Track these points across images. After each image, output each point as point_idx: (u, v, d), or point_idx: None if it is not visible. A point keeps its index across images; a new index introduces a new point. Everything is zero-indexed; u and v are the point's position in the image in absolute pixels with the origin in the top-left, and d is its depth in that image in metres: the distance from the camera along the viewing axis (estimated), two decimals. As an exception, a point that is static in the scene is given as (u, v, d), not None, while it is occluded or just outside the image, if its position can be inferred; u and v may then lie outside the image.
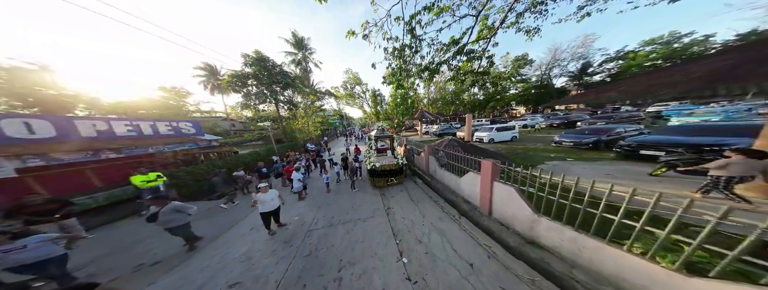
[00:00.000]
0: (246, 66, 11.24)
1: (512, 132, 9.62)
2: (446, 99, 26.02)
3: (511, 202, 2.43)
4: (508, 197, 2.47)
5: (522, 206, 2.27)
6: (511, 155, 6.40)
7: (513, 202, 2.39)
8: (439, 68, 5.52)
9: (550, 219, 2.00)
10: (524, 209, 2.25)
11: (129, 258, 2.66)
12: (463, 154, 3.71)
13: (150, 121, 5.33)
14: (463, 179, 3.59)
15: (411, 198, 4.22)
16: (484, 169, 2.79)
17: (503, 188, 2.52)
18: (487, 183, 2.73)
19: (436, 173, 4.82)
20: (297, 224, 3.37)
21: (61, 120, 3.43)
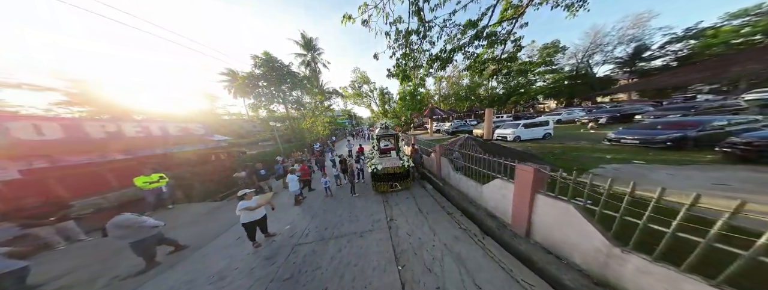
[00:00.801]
0: (256, 67, 11.72)
1: (545, 129, 8.30)
2: (459, 95, 24.41)
3: (567, 224, 1.73)
4: (562, 218, 1.77)
5: (588, 231, 1.57)
6: (546, 157, 5.35)
7: (571, 225, 1.69)
8: (452, 57, 4.84)
9: (649, 260, 1.27)
10: (593, 238, 1.54)
11: (105, 269, 2.48)
12: (484, 155, 3.00)
13: (159, 122, 5.61)
14: (488, 187, 2.89)
15: (419, 208, 3.62)
16: (520, 176, 2.11)
17: (553, 204, 1.82)
18: (526, 195, 2.05)
19: (449, 177, 4.14)
20: (286, 235, 3.03)
21: (69, 122, 3.65)
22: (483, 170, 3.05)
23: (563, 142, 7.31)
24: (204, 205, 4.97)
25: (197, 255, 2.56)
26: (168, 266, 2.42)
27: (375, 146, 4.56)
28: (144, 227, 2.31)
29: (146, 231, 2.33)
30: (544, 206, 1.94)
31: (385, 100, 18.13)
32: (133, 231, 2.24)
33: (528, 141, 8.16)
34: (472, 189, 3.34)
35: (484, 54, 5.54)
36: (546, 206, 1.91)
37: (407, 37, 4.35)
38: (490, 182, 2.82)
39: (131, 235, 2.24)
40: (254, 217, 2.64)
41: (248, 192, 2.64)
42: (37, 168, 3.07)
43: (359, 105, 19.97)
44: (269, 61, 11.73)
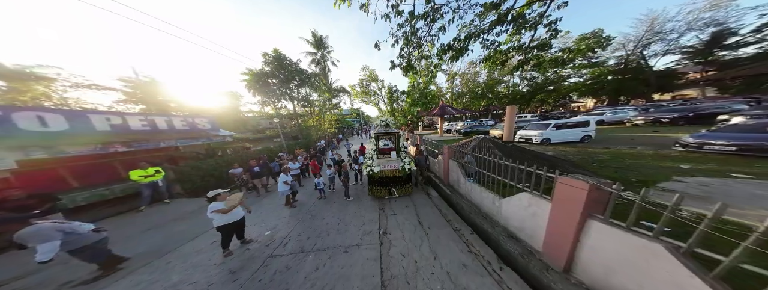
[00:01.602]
0: (265, 65, 12.09)
1: (585, 130, 7.07)
2: (475, 93, 22.83)
3: (644, 270, 1.16)
4: (635, 259, 1.22)
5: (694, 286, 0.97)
6: (587, 164, 4.42)
7: (653, 272, 1.11)
8: (467, 46, 4.23)
9: None
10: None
11: (64, 272, 2.22)
12: (505, 160, 2.41)
13: (165, 116, 5.87)
14: (510, 201, 2.32)
15: (419, 220, 3.12)
16: (564, 192, 1.57)
17: (621, 238, 1.26)
18: (571, 218, 1.50)
19: (459, 184, 3.56)
20: (263, 243, 2.76)
21: (74, 113, 3.87)
22: (503, 180, 2.45)
23: (610, 146, 6.10)
24: (200, 201, 5.02)
25: (161, 261, 2.39)
26: (122, 275, 2.21)
27: (373, 145, 4.12)
28: (78, 234, 2.01)
29: (84, 238, 2.05)
30: (602, 237, 1.35)
31: (393, 98, 17.62)
32: (64, 238, 1.92)
33: (560, 144, 7.05)
34: (488, 201, 2.75)
35: (508, 42, 4.81)
36: (606, 239, 1.33)
37: (411, 20, 3.85)
38: (514, 196, 2.24)
39: (69, 243, 1.97)
40: (231, 219, 2.40)
41: (222, 192, 2.40)
42: (36, 160, 3.22)
43: (367, 104, 19.78)
44: (278, 59, 12.04)
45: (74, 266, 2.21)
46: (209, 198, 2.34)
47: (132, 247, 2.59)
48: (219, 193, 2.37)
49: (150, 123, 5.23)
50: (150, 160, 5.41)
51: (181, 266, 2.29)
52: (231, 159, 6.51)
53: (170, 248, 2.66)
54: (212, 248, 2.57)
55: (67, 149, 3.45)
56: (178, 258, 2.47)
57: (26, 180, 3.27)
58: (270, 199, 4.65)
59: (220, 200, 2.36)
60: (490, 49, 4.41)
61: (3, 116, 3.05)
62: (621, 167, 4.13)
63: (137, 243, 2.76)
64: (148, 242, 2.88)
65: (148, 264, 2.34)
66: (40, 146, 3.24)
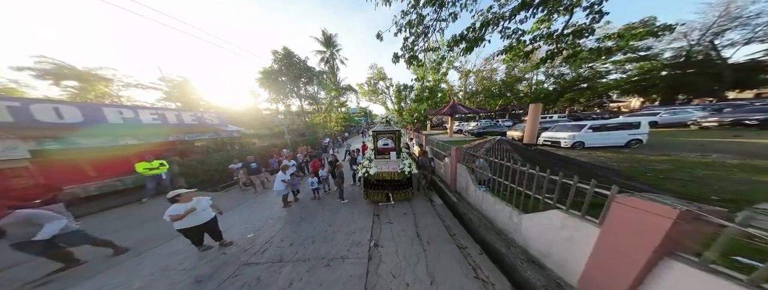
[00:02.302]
0: (275, 62, 12.49)
1: (633, 133, 5.98)
2: (491, 91, 21.30)
3: None
4: None
5: None
6: (639, 174, 3.62)
7: None
8: (483, 35, 3.72)
9: None
10: None
11: (37, 267, 2.17)
12: (526, 166, 1.93)
13: (175, 111, 6.19)
14: (534, 218, 1.88)
15: (417, 232, 2.73)
16: (623, 216, 1.18)
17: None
18: (637, 253, 1.12)
19: (468, 192, 3.09)
20: (243, 247, 2.59)
21: (88, 106, 4.16)
22: (524, 191, 1.98)
23: (669, 153, 5.02)
24: (202, 195, 5.16)
25: (134, 261, 2.31)
26: (91, 274, 2.15)
27: (370, 145, 3.81)
28: (58, 223, 2.06)
29: (58, 230, 2.07)
30: (685, 284, 0.88)
31: (401, 97, 17.13)
32: (39, 228, 1.99)
33: (596, 149, 6.06)
34: (503, 216, 2.28)
35: (535, 30, 4.17)
36: (692, 286, 0.85)
37: (416, 4, 3.44)
38: (541, 213, 1.78)
39: (33, 233, 1.99)
40: (193, 222, 2.25)
41: (184, 193, 2.24)
42: (50, 150, 3.46)
43: (374, 102, 19.57)
44: (288, 57, 12.36)
45: (38, 265, 2.19)
46: (170, 199, 2.20)
47: (120, 241, 2.59)
48: (180, 194, 2.22)
49: (160, 117, 5.53)
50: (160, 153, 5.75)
51: (149, 269, 2.19)
52: (237, 154, 6.67)
53: (150, 246, 2.61)
54: (189, 249, 2.47)
55: (82, 141, 3.67)
56: (151, 258, 2.40)
57: (39, 171, 3.54)
58: (266, 197, 4.59)
59: (183, 201, 2.21)
60: (511, 38, 3.84)
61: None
62: (691, 180, 3.27)
63: (126, 237, 2.77)
64: (138, 236, 2.90)
65: (119, 265, 2.28)
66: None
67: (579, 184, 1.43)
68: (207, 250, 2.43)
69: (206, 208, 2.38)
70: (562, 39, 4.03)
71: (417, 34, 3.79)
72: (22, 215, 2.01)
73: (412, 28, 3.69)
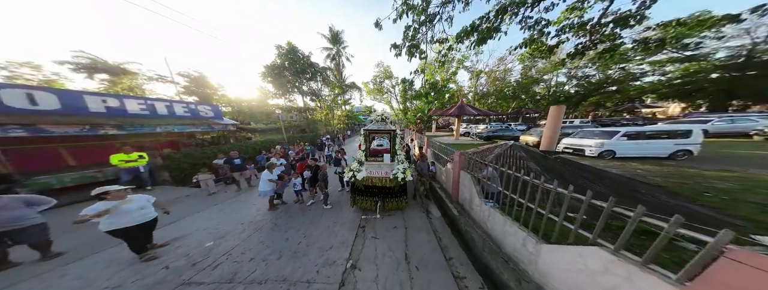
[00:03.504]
0: (278, 57, 12.50)
1: (680, 142, 5.18)
2: (504, 93, 20.30)
3: None
4: None
5: None
6: (693, 194, 2.89)
7: None
8: (499, 25, 3.27)
9: None
10: None
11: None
12: (555, 184, 1.45)
13: (166, 101, 6.13)
14: (559, 252, 1.44)
15: (406, 252, 2.31)
16: (734, 282, 0.60)
17: None
18: None
19: (472, 205, 2.63)
20: (197, 257, 2.28)
21: (68, 93, 4.08)
22: (546, 213, 1.51)
23: (730, 168, 4.20)
24: (186, 189, 5.00)
25: (54, 273, 1.99)
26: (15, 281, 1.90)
27: (362, 145, 3.41)
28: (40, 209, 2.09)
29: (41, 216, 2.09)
30: None
31: (407, 96, 16.66)
32: (34, 211, 2.05)
33: (631, 160, 5.29)
34: (515, 241, 1.84)
35: (563, 20, 3.64)
36: None
37: None
38: (571, 247, 1.32)
39: (32, 216, 2.05)
40: (126, 222, 1.96)
41: (114, 191, 1.95)
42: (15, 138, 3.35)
43: (379, 101, 19.29)
44: (291, 52, 12.33)
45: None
46: (95, 196, 1.93)
47: (62, 243, 2.36)
48: (108, 191, 1.93)
49: (149, 107, 5.47)
50: (147, 145, 5.69)
51: (67, 284, 1.90)
52: (229, 149, 6.54)
53: (91, 251, 2.35)
54: (131, 259, 2.18)
55: (50, 128, 3.57)
56: (81, 268, 2.11)
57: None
58: (249, 196, 4.33)
59: (112, 199, 1.93)
60: (533, 30, 3.33)
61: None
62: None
63: (72, 239, 2.52)
64: (85, 238, 2.59)
65: (38, 276, 2.00)
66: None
67: (644, 218, 0.95)
68: (151, 260, 2.14)
69: (145, 206, 2.10)
70: (598, 30, 3.46)
71: (420, 22, 3.37)
72: (15, 198, 2.00)
73: (414, 14, 3.27)
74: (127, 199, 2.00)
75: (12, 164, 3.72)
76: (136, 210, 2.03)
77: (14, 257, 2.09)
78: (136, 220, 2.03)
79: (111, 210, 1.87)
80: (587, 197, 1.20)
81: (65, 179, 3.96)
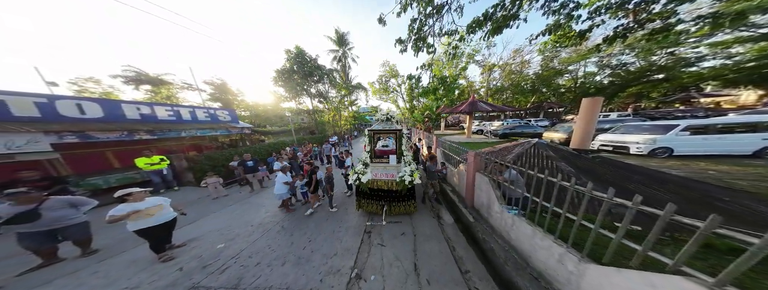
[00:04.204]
0: (287, 61, 13.12)
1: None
2: (522, 87, 18.69)
3: None
4: None
5: None
6: None
7: None
8: (517, 12, 2.95)
9: None
10: None
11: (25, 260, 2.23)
12: (608, 195, 1.16)
13: (189, 107, 6.71)
14: (611, 276, 1.18)
15: (415, 263, 2.12)
16: None
17: None
18: None
19: (491, 211, 2.35)
20: (208, 258, 2.34)
21: (108, 102, 4.66)
22: (593, 227, 1.23)
23: None
24: (206, 190, 5.36)
25: (88, 270, 2.18)
26: (48, 277, 2.09)
27: (367, 146, 3.30)
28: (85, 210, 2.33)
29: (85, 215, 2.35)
30: None
31: (413, 94, 16.28)
32: (77, 211, 2.29)
33: (695, 158, 4.40)
34: (546, 255, 1.57)
35: (596, 1, 3.18)
36: None
37: None
38: (636, 272, 1.04)
39: (75, 216, 2.29)
40: (151, 222, 2.10)
41: (135, 192, 2.08)
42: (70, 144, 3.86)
43: (385, 101, 19.21)
44: (299, 55, 12.88)
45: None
46: (118, 198, 2.05)
47: (99, 240, 2.61)
48: (130, 193, 2.05)
49: (175, 114, 6.04)
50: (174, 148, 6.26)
51: (97, 281, 2.04)
52: (244, 151, 6.93)
53: (121, 249, 2.54)
54: (151, 258, 2.30)
55: (95, 134, 4.07)
56: (110, 266, 2.27)
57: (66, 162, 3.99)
58: (260, 198, 4.48)
59: (134, 200, 2.05)
60: (558, 14, 2.93)
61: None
62: None
63: (107, 236, 2.77)
64: (119, 235, 2.82)
65: (75, 273, 2.17)
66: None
67: (720, 230, 0.67)
68: (168, 260, 2.24)
69: (164, 207, 2.22)
70: (645, 8, 2.91)
71: (427, 14, 3.17)
72: (61, 200, 2.24)
73: (419, 5, 3.08)
74: (146, 201, 2.13)
75: (70, 166, 4.33)
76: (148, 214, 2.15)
77: (62, 253, 2.35)
78: (159, 220, 2.17)
79: (132, 214, 2.00)
80: (667, 213, 0.89)
81: (111, 180, 4.50)
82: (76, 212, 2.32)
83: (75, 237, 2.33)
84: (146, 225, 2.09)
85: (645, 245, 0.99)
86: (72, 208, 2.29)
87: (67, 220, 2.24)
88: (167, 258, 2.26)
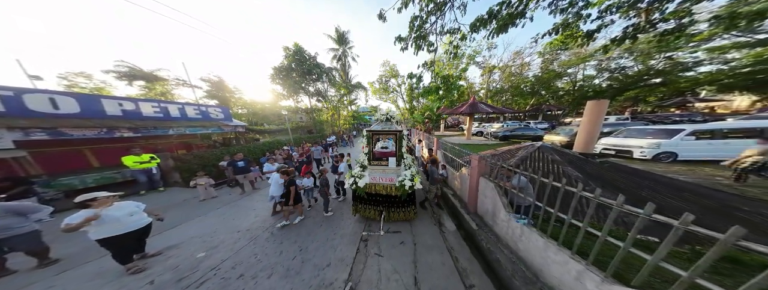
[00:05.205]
0: (286, 58, 12.84)
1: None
2: (521, 89, 18.85)
3: None
4: None
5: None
6: None
7: None
8: (524, 10, 2.84)
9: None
10: None
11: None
12: (608, 195, 0.99)
13: (179, 104, 6.42)
14: None
15: (416, 276, 1.96)
16: None
17: None
18: None
19: (496, 219, 2.20)
20: (186, 268, 2.12)
21: (86, 97, 4.36)
22: (622, 245, 1.07)
23: None
24: (194, 192, 5.10)
25: (40, 286, 1.92)
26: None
27: (365, 148, 3.12)
28: (39, 217, 2.11)
29: (37, 223, 2.12)
30: None
31: (413, 95, 16.20)
32: (25, 219, 2.04)
33: (702, 164, 4.34)
34: (560, 270, 1.46)
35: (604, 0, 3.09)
36: None
37: None
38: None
39: (19, 225, 2.02)
40: (117, 230, 1.85)
41: (101, 197, 1.84)
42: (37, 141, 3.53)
43: (385, 101, 19.10)
44: (298, 52, 12.61)
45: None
46: (79, 204, 1.80)
47: (60, 248, 2.36)
48: (95, 198, 1.82)
49: (163, 110, 5.74)
50: (161, 146, 5.97)
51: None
52: (239, 150, 6.67)
53: (83, 260, 2.29)
54: (117, 270, 2.06)
55: (69, 131, 3.78)
56: (70, 279, 2.04)
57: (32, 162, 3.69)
58: (251, 201, 4.25)
59: (99, 206, 1.81)
60: (567, 13, 2.83)
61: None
62: None
63: (72, 244, 2.51)
64: (85, 242, 2.60)
65: (40, 282, 1.94)
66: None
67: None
68: (138, 272, 2.01)
69: (134, 212, 2.00)
70: (659, 8, 2.81)
71: (428, 11, 3.03)
72: (2, 207, 1.98)
73: (421, 1, 2.93)
74: (113, 207, 1.90)
75: (40, 166, 4.03)
76: (124, 217, 1.92)
77: (12, 264, 2.10)
78: (128, 227, 1.93)
79: (93, 218, 1.76)
80: (729, 237, 0.75)
81: (88, 180, 4.21)
82: (24, 221, 2.05)
83: (23, 248, 2.07)
84: (112, 233, 1.85)
85: (693, 270, 0.84)
86: (17, 216, 2.03)
87: (11, 230, 1.97)
88: (137, 269, 2.03)
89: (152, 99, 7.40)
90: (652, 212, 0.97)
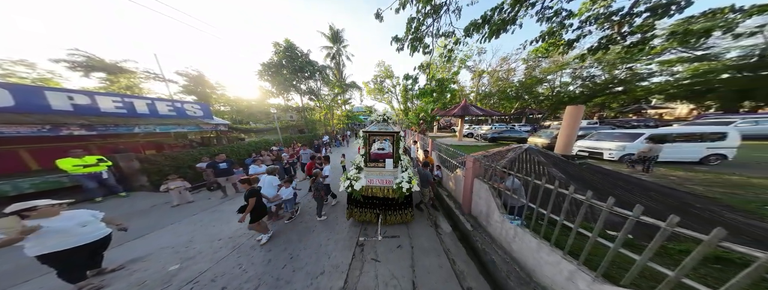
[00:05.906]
0: (275, 55, 12.14)
1: (713, 146, 4.85)
2: (506, 93, 20.17)
3: None
4: None
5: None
6: (753, 208, 2.49)
7: None
8: (515, 16, 2.98)
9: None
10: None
11: None
12: (635, 212, 1.05)
13: (148, 99, 5.72)
14: None
15: (414, 280, 1.93)
16: None
17: None
18: None
19: (489, 220, 2.26)
20: (156, 283, 1.87)
21: (22, 89, 3.64)
22: (611, 245, 1.12)
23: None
24: (164, 196, 4.56)
25: None
26: None
27: (361, 150, 3.02)
28: None
29: None
30: None
31: (408, 96, 16.38)
32: None
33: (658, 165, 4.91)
34: (553, 270, 1.51)
35: (585, 11, 3.37)
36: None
37: None
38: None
39: None
40: (65, 244, 1.55)
41: (42, 206, 1.54)
42: None
43: (380, 101, 19.04)
44: (289, 49, 12.00)
45: None
46: (15, 213, 1.49)
47: (6, 262, 1.95)
48: (34, 207, 1.52)
49: (127, 105, 5.05)
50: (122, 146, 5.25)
51: None
52: (220, 150, 6.12)
53: (29, 276, 1.92)
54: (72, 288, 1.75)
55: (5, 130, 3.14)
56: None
57: None
58: (233, 205, 3.90)
59: (40, 216, 1.51)
60: (551, 22, 3.06)
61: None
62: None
63: (11, 258, 2.11)
64: (18, 259, 2.22)
65: None
66: None
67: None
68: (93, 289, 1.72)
69: (88, 222, 1.70)
70: (629, 21, 3.14)
71: (425, 14, 3.07)
72: None
73: (418, 3, 2.96)
74: (61, 216, 1.59)
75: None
76: (74, 228, 1.61)
77: None
78: (80, 240, 1.62)
79: (28, 232, 1.44)
80: (712, 239, 0.81)
81: (24, 184, 3.53)
82: None
83: None
84: (58, 247, 1.53)
85: (679, 271, 0.90)
86: None
87: None
88: (92, 287, 1.73)
89: (114, 93, 6.49)
90: (640, 214, 1.03)
